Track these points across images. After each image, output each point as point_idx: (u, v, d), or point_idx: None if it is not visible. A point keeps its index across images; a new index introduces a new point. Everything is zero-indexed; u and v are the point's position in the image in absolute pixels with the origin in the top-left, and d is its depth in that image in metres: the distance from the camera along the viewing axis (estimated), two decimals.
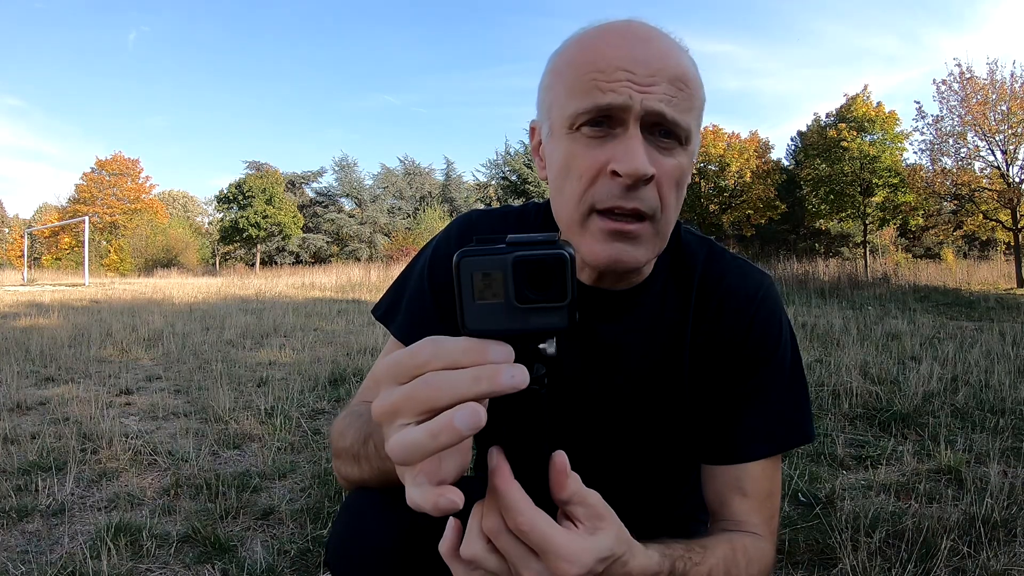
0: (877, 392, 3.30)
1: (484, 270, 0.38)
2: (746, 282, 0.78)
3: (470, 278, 0.39)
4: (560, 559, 0.43)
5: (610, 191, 0.62)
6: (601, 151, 0.62)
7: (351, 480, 0.71)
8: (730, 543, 0.67)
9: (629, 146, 0.61)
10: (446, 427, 0.36)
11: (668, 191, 0.64)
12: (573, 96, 0.63)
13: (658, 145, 0.63)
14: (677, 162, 0.64)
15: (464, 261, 0.39)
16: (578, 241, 0.66)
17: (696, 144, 0.68)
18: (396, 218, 35.02)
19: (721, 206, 22.69)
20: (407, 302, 0.83)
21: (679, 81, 0.62)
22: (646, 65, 0.61)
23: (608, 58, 0.62)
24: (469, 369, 0.37)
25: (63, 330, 6.19)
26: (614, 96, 0.61)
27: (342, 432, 0.72)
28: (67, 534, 1.78)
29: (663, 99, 0.61)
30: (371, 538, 0.67)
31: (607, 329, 0.77)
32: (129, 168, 35.31)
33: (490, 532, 0.44)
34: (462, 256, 0.39)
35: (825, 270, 16.20)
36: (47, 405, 3.24)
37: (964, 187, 15.90)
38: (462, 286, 0.39)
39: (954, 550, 1.64)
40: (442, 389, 0.37)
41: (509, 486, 0.42)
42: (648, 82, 0.61)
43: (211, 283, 17.57)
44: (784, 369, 0.77)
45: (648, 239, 0.65)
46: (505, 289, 0.38)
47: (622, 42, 0.63)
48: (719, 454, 0.76)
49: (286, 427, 2.84)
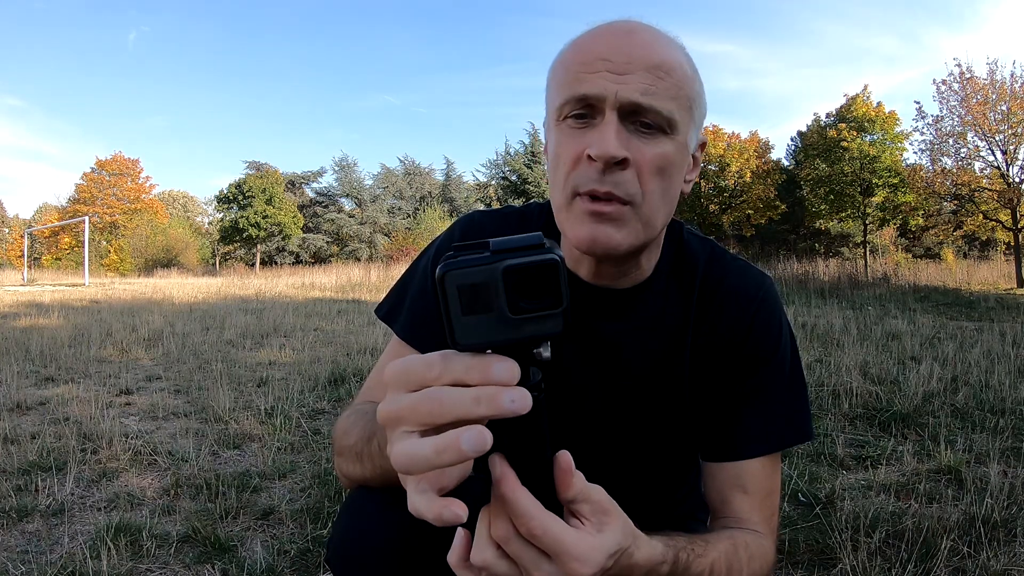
0: (877, 392, 3.30)
1: (471, 281, 0.36)
2: (747, 283, 0.79)
3: (456, 291, 0.36)
4: (573, 560, 0.43)
5: (588, 175, 0.64)
6: (582, 138, 0.65)
7: (353, 478, 0.71)
8: (731, 538, 0.68)
9: (603, 131, 0.63)
10: (451, 446, 0.36)
11: (649, 177, 0.65)
12: (560, 90, 0.67)
13: (639, 132, 0.65)
14: (659, 150, 0.65)
15: (449, 274, 0.36)
16: (564, 223, 0.69)
17: (689, 135, 0.68)
18: (396, 218, 35.02)
19: (721, 206, 22.69)
20: (410, 302, 0.84)
21: (658, 69, 0.63)
22: (623, 54, 0.63)
23: (590, 51, 0.65)
24: (471, 390, 0.37)
25: (63, 330, 6.19)
26: (590, 86, 0.63)
27: (346, 430, 0.72)
28: (67, 534, 1.78)
29: (639, 88, 0.63)
30: (372, 537, 0.67)
31: (607, 327, 0.77)
32: (129, 168, 35.31)
33: (500, 539, 0.44)
34: (446, 269, 0.36)
35: (825, 270, 16.20)
36: (47, 405, 3.24)
37: (964, 187, 15.90)
38: (448, 300, 0.36)
39: (954, 550, 1.64)
40: (444, 405, 0.38)
41: (517, 493, 0.42)
42: (624, 70, 0.63)
43: (211, 283, 17.57)
44: (784, 369, 0.78)
45: (628, 222, 0.66)
46: (496, 300, 0.36)
47: (605, 36, 0.66)
48: (720, 451, 0.77)
49: (286, 427, 2.84)
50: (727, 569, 0.63)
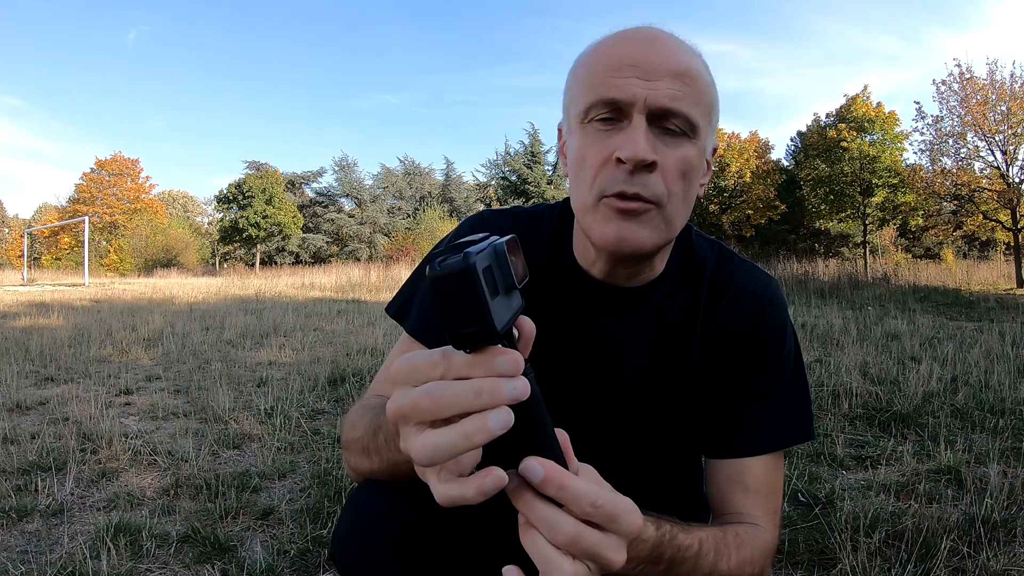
0: (877, 392, 3.30)
1: (484, 266, 0.38)
2: (754, 284, 0.81)
3: (482, 277, 0.38)
4: (626, 514, 0.46)
5: (616, 177, 0.66)
6: (609, 141, 0.67)
7: (361, 471, 0.72)
8: (723, 527, 0.69)
9: (632, 135, 0.65)
10: (480, 428, 0.38)
11: (673, 180, 0.67)
12: (585, 92, 0.68)
13: (664, 136, 0.66)
14: (683, 154, 0.67)
15: (474, 261, 0.38)
16: (590, 223, 0.70)
17: (707, 140, 0.70)
18: (396, 218, 35.02)
19: (721, 206, 22.69)
20: (419, 300, 0.85)
21: (685, 76, 0.66)
22: (651, 60, 0.65)
23: (617, 56, 0.67)
24: (471, 382, 0.38)
25: (63, 330, 6.19)
26: (620, 91, 0.65)
27: (353, 424, 0.74)
28: (67, 534, 1.78)
29: (668, 93, 0.65)
30: (378, 530, 0.68)
31: (616, 324, 0.79)
32: (129, 168, 35.29)
33: (569, 540, 0.44)
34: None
35: (825, 270, 16.20)
36: (47, 405, 3.24)
37: (964, 187, 15.89)
38: (484, 288, 0.38)
39: (954, 550, 1.64)
40: (446, 399, 0.39)
41: (567, 479, 0.43)
42: (653, 76, 0.65)
43: (211, 283, 17.57)
44: (788, 369, 0.80)
45: (654, 222, 0.68)
46: (497, 280, 0.39)
47: (631, 42, 0.67)
48: (722, 448, 0.78)
49: (286, 427, 2.84)
50: (714, 549, 0.64)
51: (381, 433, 0.65)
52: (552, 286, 0.81)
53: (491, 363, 0.38)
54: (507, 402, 0.38)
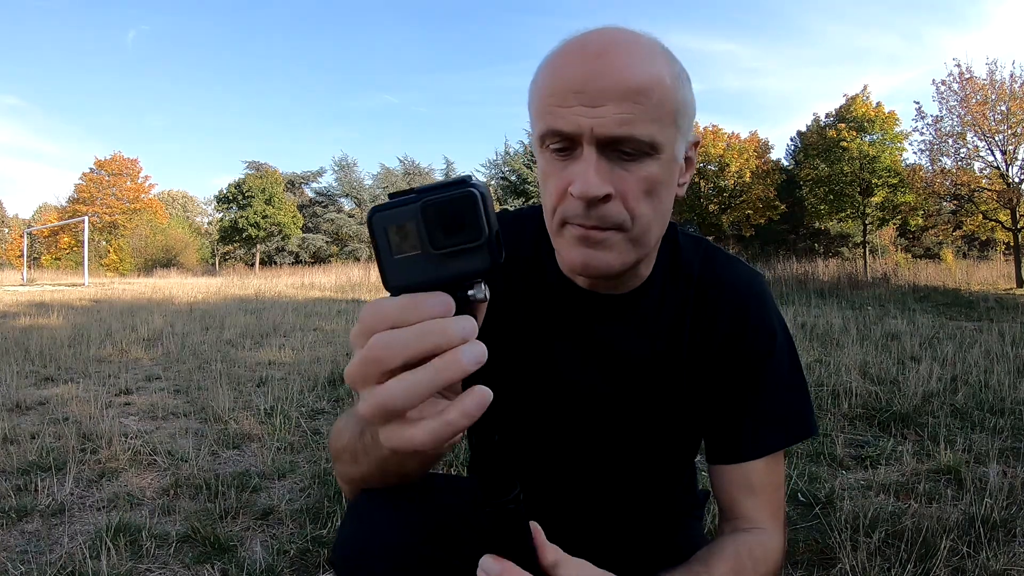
0: (877, 392, 3.31)
1: (396, 223, 0.37)
2: (739, 279, 0.80)
3: (384, 233, 0.37)
4: None
5: (574, 209, 0.65)
6: (565, 172, 0.65)
7: (352, 480, 0.71)
8: (736, 552, 0.69)
9: (581, 170, 0.63)
10: (452, 362, 0.35)
11: (636, 202, 0.65)
12: (537, 119, 0.67)
13: (621, 161, 0.64)
14: (644, 173, 0.64)
15: (376, 217, 0.37)
16: (558, 247, 0.70)
17: (676, 147, 0.67)
18: None
19: (721, 206, 22.68)
20: None
21: (637, 94, 0.61)
22: (597, 85, 0.61)
23: (562, 81, 0.63)
24: (415, 326, 0.36)
25: (63, 330, 6.18)
26: (564, 123, 0.63)
27: (339, 432, 0.72)
28: (67, 534, 1.78)
29: (616, 119, 0.61)
30: (380, 538, 0.67)
31: (606, 330, 0.78)
32: (128, 168, 35.27)
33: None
34: (374, 212, 0.37)
35: (825, 270, 16.20)
36: (47, 405, 3.24)
37: (964, 187, 15.89)
38: (378, 243, 0.38)
39: (954, 550, 1.64)
40: (391, 348, 0.36)
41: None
42: (598, 102, 0.61)
43: (211, 283, 17.57)
44: (782, 364, 0.79)
45: (619, 246, 0.66)
46: (420, 238, 0.37)
47: (577, 61, 0.63)
48: (725, 453, 0.77)
49: (286, 427, 2.84)
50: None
51: (367, 432, 0.64)
52: (539, 295, 0.80)
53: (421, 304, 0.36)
54: (454, 341, 0.35)
